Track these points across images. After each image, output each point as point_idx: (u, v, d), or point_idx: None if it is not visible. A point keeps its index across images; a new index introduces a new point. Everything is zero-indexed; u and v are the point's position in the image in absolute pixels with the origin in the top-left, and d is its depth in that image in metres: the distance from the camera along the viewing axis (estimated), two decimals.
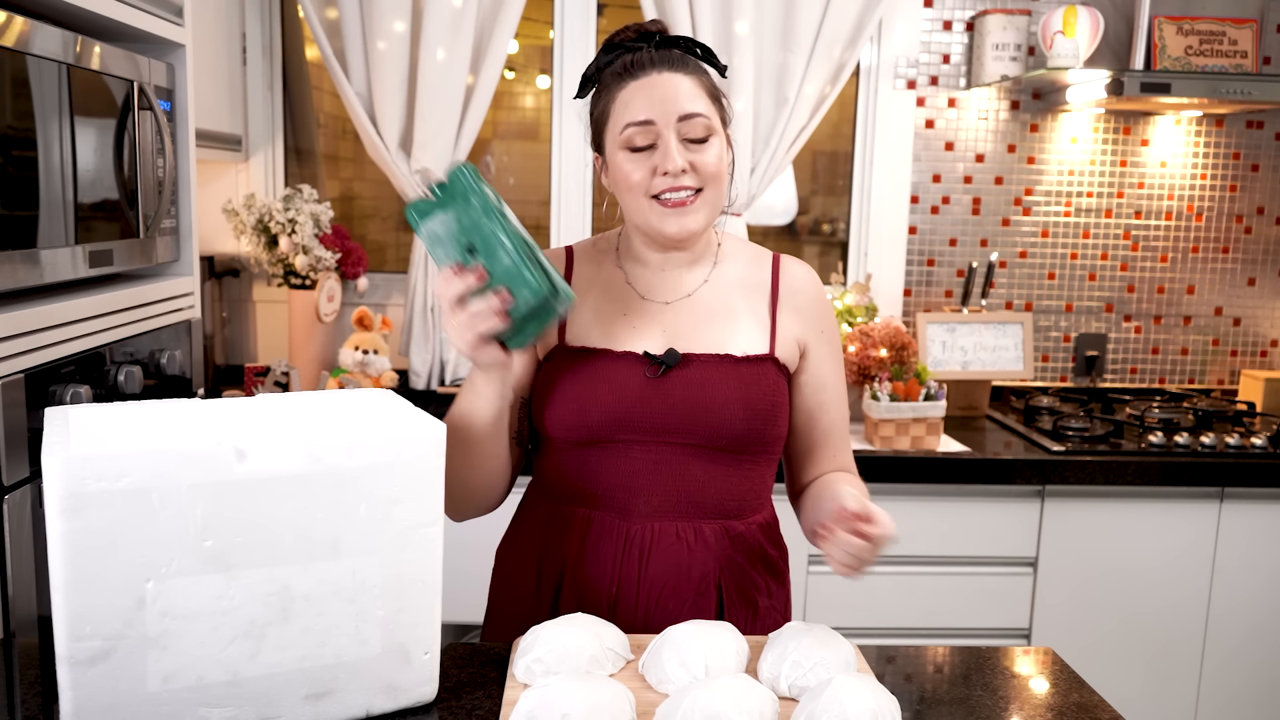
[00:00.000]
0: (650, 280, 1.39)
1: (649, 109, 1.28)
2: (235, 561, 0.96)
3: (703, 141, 1.29)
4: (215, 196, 2.74)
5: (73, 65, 1.53)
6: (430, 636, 1.07)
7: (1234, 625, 2.45)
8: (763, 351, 1.35)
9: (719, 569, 1.33)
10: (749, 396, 1.31)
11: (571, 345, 1.35)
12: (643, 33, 1.34)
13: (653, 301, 1.37)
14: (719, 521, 1.33)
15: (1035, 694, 1.17)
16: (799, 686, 1.08)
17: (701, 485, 1.32)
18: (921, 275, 2.94)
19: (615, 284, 1.39)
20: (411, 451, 1.02)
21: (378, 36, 2.58)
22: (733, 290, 1.39)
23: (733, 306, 1.37)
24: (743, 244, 1.46)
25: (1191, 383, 3.05)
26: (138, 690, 0.95)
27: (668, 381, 1.31)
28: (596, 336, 1.35)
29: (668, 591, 1.31)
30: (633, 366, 1.32)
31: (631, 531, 1.32)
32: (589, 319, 1.36)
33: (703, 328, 1.35)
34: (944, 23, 2.85)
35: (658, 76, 1.29)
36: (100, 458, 0.89)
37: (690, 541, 1.32)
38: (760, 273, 1.41)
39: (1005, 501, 2.38)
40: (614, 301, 1.38)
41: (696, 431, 1.30)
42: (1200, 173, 2.94)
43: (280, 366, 2.58)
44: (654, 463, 1.31)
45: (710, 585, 1.33)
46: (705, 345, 1.34)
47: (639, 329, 1.35)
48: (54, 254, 1.51)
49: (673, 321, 1.36)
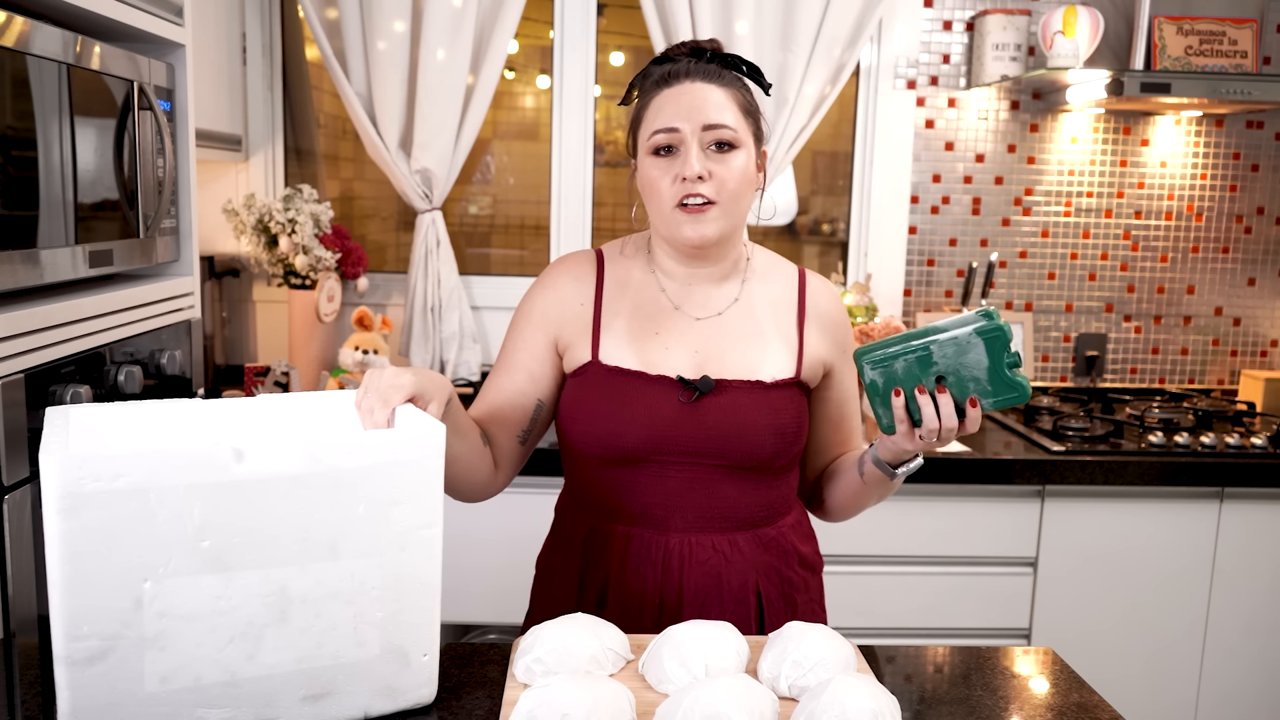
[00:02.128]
0: (681, 293, 1.41)
1: (676, 116, 1.31)
2: (233, 562, 0.96)
3: (726, 151, 1.31)
4: (215, 196, 2.74)
5: (73, 65, 1.53)
6: (429, 638, 1.07)
7: (1234, 625, 2.45)
8: (790, 375, 1.38)
9: (757, 576, 1.38)
10: (778, 422, 1.35)
11: (606, 364, 1.37)
12: (695, 49, 1.37)
13: (685, 315, 1.39)
14: (752, 531, 1.38)
15: (1035, 694, 1.17)
16: (799, 686, 1.08)
17: (734, 501, 1.36)
18: (921, 275, 2.94)
19: (648, 294, 1.41)
20: (411, 452, 1.02)
21: (378, 36, 2.58)
22: (762, 309, 1.41)
23: (762, 328, 1.39)
24: (770, 258, 1.48)
25: (1191, 383, 3.04)
26: (135, 690, 0.94)
27: (701, 406, 1.33)
28: (630, 357, 1.36)
29: (709, 603, 1.35)
30: (667, 391, 1.34)
31: (670, 546, 1.35)
32: (622, 335, 1.38)
33: (735, 350, 1.37)
34: (944, 23, 2.84)
35: (690, 86, 1.32)
36: (98, 458, 0.89)
37: (726, 553, 1.36)
38: (788, 291, 1.43)
39: (1005, 501, 2.37)
40: (647, 317, 1.39)
41: (729, 455, 1.33)
42: (1200, 173, 2.93)
43: (280, 367, 2.58)
44: (688, 482, 1.34)
45: (750, 592, 1.37)
46: (737, 370, 1.36)
47: (671, 349, 1.37)
48: (54, 254, 1.51)
49: (704, 340, 1.38)
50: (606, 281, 1.42)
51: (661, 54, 1.39)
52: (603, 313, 1.39)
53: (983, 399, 1.19)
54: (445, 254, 2.73)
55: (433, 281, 2.72)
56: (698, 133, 1.30)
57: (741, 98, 1.35)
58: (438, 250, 2.71)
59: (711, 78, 1.33)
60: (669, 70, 1.35)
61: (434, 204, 2.70)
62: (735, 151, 1.32)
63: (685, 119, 1.30)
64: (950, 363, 1.18)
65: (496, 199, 3.01)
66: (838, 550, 2.36)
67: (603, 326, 1.38)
